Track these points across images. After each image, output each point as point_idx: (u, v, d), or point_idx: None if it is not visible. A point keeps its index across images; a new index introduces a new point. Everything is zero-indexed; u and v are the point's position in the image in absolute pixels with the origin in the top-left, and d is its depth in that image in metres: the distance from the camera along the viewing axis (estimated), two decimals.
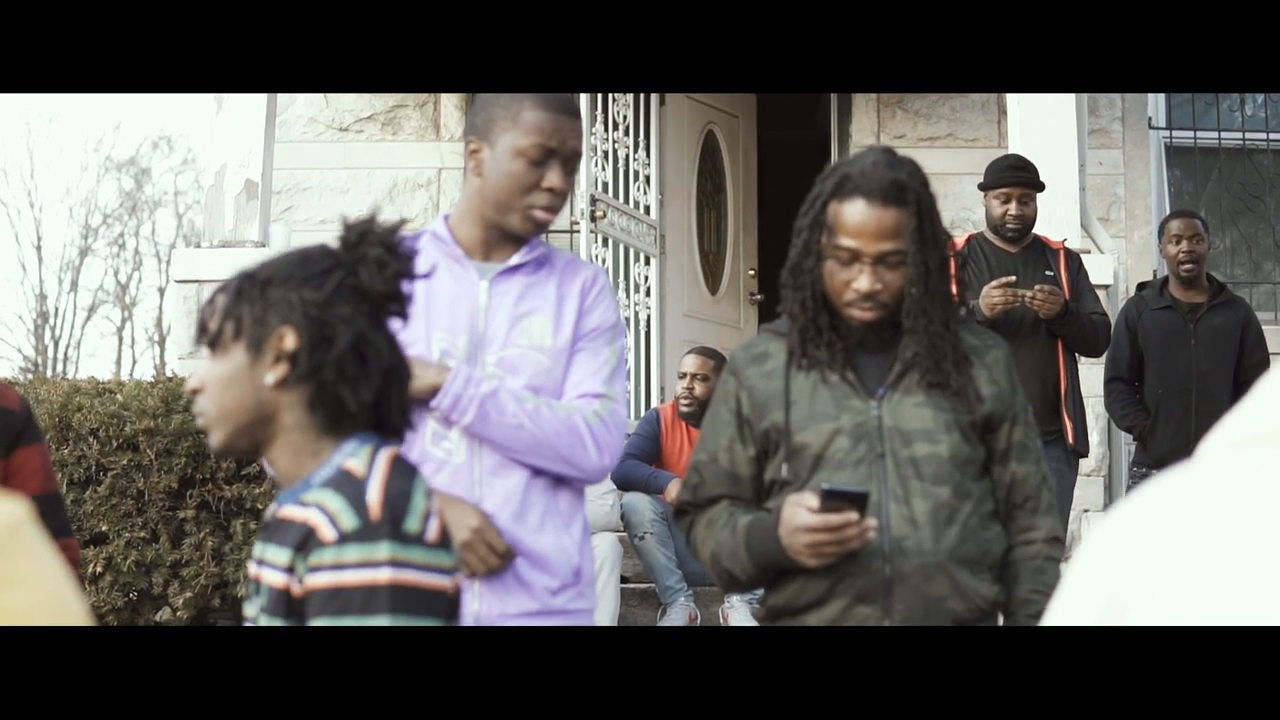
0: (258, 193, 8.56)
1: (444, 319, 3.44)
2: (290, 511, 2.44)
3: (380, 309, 2.52)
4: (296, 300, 2.46)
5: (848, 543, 3.10)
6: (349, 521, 2.33)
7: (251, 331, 2.46)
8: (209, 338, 2.49)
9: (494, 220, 3.46)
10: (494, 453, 3.40)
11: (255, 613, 2.48)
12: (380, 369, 2.49)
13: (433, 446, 3.40)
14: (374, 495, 2.37)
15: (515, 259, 3.49)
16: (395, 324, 2.57)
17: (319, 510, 2.36)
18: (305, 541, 2.36)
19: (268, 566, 2.46)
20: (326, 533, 2.33)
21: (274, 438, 2.50)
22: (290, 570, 2.38)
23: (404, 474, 2.44)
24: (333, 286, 2.47)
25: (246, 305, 2.47)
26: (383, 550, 2.32)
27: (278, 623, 2.39)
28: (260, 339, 2.45)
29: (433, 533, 2.40)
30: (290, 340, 2.45)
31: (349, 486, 2.39)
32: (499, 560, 3.32)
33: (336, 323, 2.46)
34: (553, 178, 3.41)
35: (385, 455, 2.47)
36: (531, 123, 3.39)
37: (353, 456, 2.45)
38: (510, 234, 3.48)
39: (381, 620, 2.29)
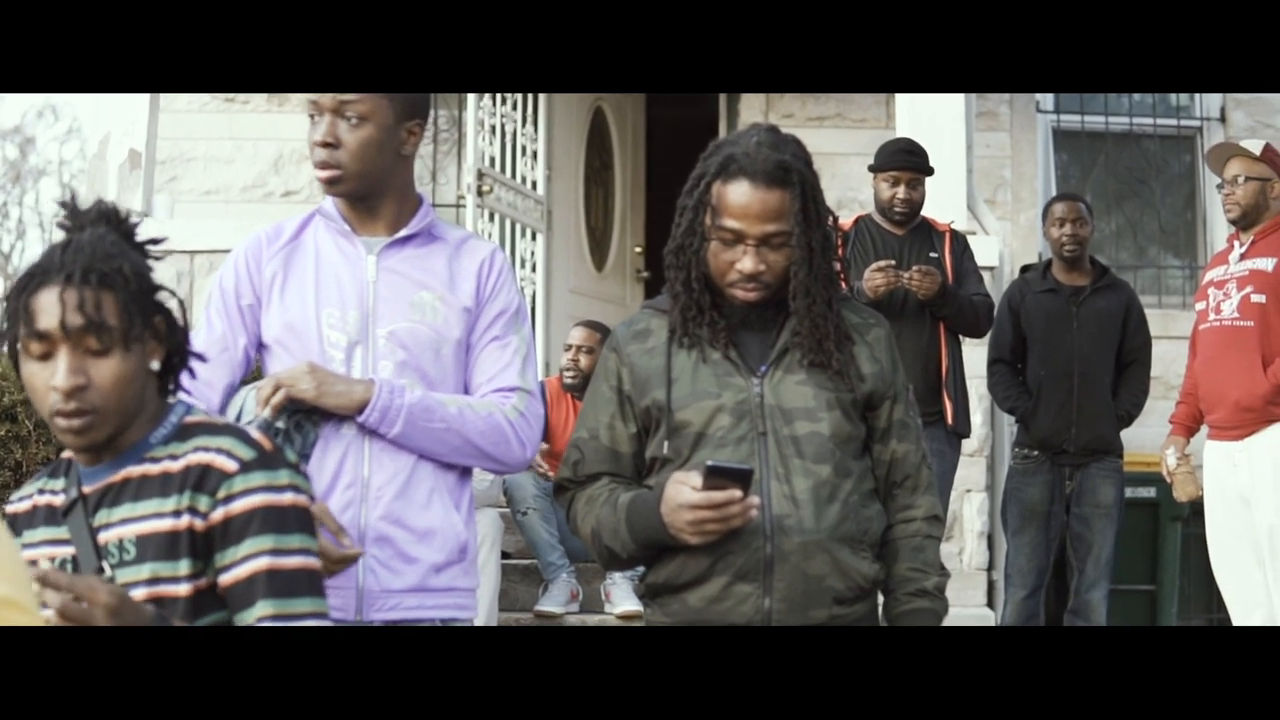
0: (141, 162, 8.45)
1: (332, 295, 3.44)
2: (140, 469, 2.58)
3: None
4: (149, 285, 2.60)
5: (730, 520, 3.10)
6: (246, 453, 2.54)
7: (142, 324, 2.56)
8: (114, 334, 2.52)
9: None
10: None
11: (111, 571, 2.56)
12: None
13: (327, 421, 3.38)
14: (254, 433, 2.58)
15: (403, 231, 3.49)
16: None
17: (204, 451, 2.54)
18: (202, 480, 2.52)
19: (132, 522, 2.56)
20: (227, 465, 2.52)
21: (137, 416, 2.60)
22: (188, 512, 2.52)
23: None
24: (143, 265, 2.62)
25: (139, 300, 2.55)
26: (284, 476, 2.56)
27: (166, 566, 2.53)
28: (143, 331, 2.56)
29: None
30: (162, 323, 2.61)
31: (222, 429, 2.59)
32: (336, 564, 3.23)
33: (166, 294, 2.63)
34: (317, 131, 3.45)
35: (208, 410, 2.74)
36: None
37: (190, 414, 2.64)
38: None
39: (297, 539, 2.53)
